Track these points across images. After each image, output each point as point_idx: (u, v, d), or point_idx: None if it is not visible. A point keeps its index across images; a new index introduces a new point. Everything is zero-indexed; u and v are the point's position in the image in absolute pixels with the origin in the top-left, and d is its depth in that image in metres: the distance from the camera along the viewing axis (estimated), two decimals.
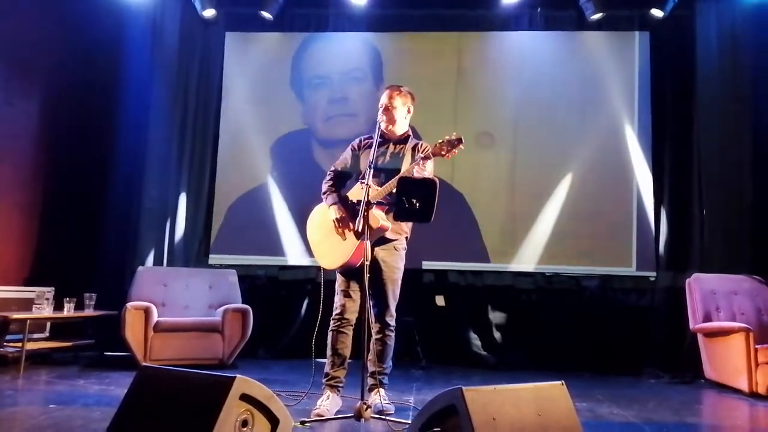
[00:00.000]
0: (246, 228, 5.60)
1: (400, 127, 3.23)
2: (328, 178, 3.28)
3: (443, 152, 2.97)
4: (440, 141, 2.98)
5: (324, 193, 3.24)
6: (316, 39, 5.88)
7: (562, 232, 5.38)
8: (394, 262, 3.17)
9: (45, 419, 2.80)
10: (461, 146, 2.96)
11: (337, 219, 3.08)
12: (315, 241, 3.20)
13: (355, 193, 3.11)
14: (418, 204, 2.70)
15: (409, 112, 3.26)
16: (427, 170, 3.06)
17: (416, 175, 2.93)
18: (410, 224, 3.24)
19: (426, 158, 2.99)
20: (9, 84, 5.09)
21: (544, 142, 5.53)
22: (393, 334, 3.20)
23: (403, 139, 3.23)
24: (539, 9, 5.65)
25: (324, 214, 3.19)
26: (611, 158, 5.45)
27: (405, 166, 3.07)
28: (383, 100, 3.20)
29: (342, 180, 3.30)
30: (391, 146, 3.21)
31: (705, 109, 5.26)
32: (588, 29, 5.60)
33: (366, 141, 3.28)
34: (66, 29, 5.47)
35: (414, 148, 3.18)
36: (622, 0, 5.47)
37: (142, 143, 5.50)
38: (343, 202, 3.14)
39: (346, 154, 3.32)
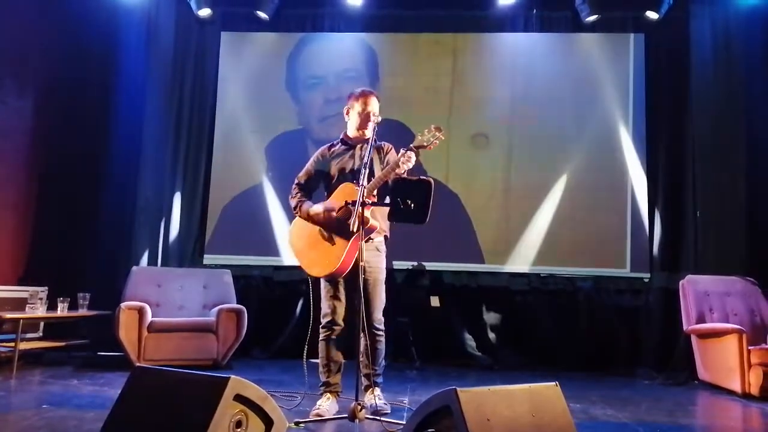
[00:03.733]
0: (241, 228, 5.59)
1: (370, 131, 3.19)
2: (294, 192, 3.26)
3: (425, 144, 2.88)
4: (421, 135, 2.90)
5: (295, 208, 3.20)
6: (312, 39, 5.87)
7: (557, 233, 5.39)
8: (378, 263, 3.17)
9: (38, 420, 2.79)
10: (441, 135, 2.87)
11: (324, 220, 3.04)
12: (300, 251, 3.13)
13: (339, 196, 3.07)
14: (413, 205, 2.70)
15: None
16: (412, 161, 2.92)
17: (402, 167, 2.85)
18: (389, 223, 3.21)
19: (409, 150, 2.88)
20: (2, 82, 5.07)
21: (539, 144, 5.54)
22: (383, 337, 3.20)
23: (366, 141, 3.18)
24: (535, 10, 5.67)
25: (304, 223, 3.16)
26: (606, 159, 5.47)
27: (376, 167, 3.09)
28: (364, 107, 3.18)
29: (309, 191, 3.29)
30: (358, 149, 3.22)
31: (699, 111, 5.29)
32: (583, 31, 5.62)
33: (333, 149, 3.29)
34: (60, 28, 5.45)
35: (378, 150, 3.20)
36: (617, 2, 5.49)
37: (136, 142, 5.48)
38: (326, 208, 3.08)
39: (310, 165, 3.30)
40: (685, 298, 4.59)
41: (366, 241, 3.06)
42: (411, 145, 2.92)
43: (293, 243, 3.19)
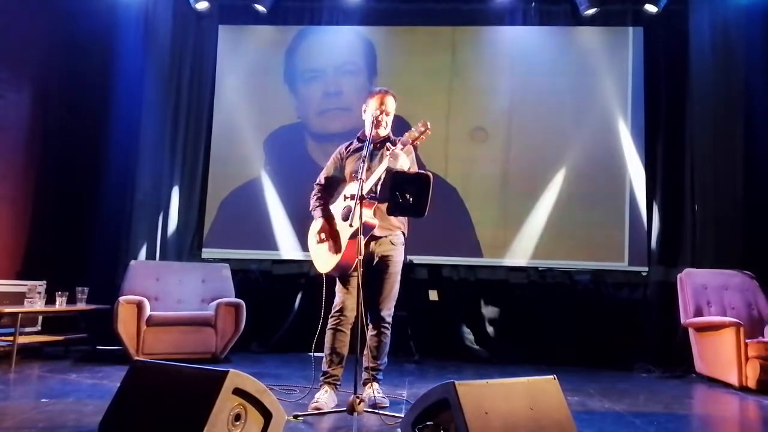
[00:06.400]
0: (239, 222, 5.59)
1: (389, 127, 3.27)
2: (315, 191, 3.33)
3: (411, 140, 3.02)
4: (408, 132, 3.03)
5: (312, 210, 3.28)
6: (310, 32, 5.85)
7: (555, 226, 5.40)
8: (393, 256, 3.19)
9: (37, 413, 2.79)
10: (428, 131, 3.01)
11: (319, 231, 3.12)
12: (313, 248, 3.22)
13: (349, 191, 3.12)
14: (411, 199, 2.70)
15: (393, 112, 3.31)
16: (401, 159, 2.96)
17: (396, 162, 2.90)
18: (406, 219, 3.26)
19: (398, 151, 2.96)
20: None
21: (538, 137, 5.53)
22: (389, 331, 3.21)
23: (385, 140, 3.24)
24: (533, 3, 5.66)
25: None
26: (604, 153, 5.47)
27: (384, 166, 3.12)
28: (378, 105, 3.20)
29: (330, 190, 3.34)
30: (371, 147, 3.20)
31: (698, 105, 5.29)
32: (582, 24, 5.61)
33: (348, 148, 3.34)
34: (57, 21, 5.42)
35: (394, 145, 3.21)
36: None
37: (134, 136, 5.47)
38: (329, 217, 3.18)
39: (330, 165, 3.37)
40: (682, 292, 4.60)
41: (376, 239, 3.11)
42: (398, 143, 3.03)
43: (309, 241, 3.26)
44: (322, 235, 3.11)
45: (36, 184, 5.38)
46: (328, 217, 3.17)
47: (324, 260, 3.12)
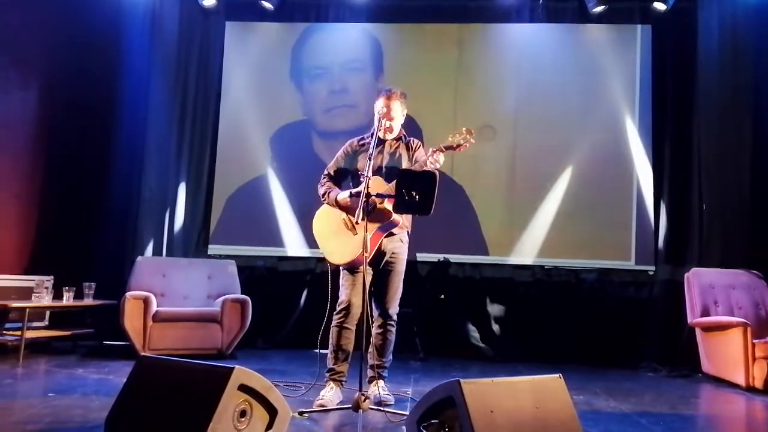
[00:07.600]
0: (245, 219, 5.60)
1: (396, 130, 3.28)
2: (323, 181, 3.32)
3: (455, 146, 3.02)
4: (452, 136, 3.03)
5: (323, 195, 3.25)
6: (317, 29, 5.85)
7: (562, 225, 5.38)
8: (401, 254, 3.21)
9: (44, 408, 2.81)
10: (472, 139, 3.02)
11: (347, 208, 3.08)
12: (323, 237, 3.19)
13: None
14: (417, 196, 2.70)
15: (403, 114, 3.29)
16: (440, 162, 3.03)
17: (430, 167, 2.92)
18: (409, 218, 3.25)
19: (438, 151, 3.00)
20: (6, 73, 5.07)
21: (545, 135, 5.51)
22: (395, 328, 3.22)
23: (397, 138, 3.29)
24: (541, 0, 5.63)
25: (330, 211, 3.20)
26: (611, 152, 5.45)
27: (404, 163, 3.15)
28: (381, 108, 3.19)
29: (337, 181, 3.33)
30: (387, 146, 3.26)
31: (706, 104, 5.25)
32: (590, 22, 5.58)
33: (361, 142, 3.32)
34: (64, 18, 5.42)
35: (407, 146, 3.28)
36: None
37: (141, 133, 5.47)
38: (352, 191, 3.14)
39: (339, 157, 3.35)
40: (689, 291, 4.58)
41: (388, 236, 3.12)
42: (441, 146, 3.02)
43: (317, 230, 3.23)
44: (350, 212, 3.05)
45: (43, 180, 5.40)
46: (351, 194, 3.12)
47: (338, 252, 3.09)
